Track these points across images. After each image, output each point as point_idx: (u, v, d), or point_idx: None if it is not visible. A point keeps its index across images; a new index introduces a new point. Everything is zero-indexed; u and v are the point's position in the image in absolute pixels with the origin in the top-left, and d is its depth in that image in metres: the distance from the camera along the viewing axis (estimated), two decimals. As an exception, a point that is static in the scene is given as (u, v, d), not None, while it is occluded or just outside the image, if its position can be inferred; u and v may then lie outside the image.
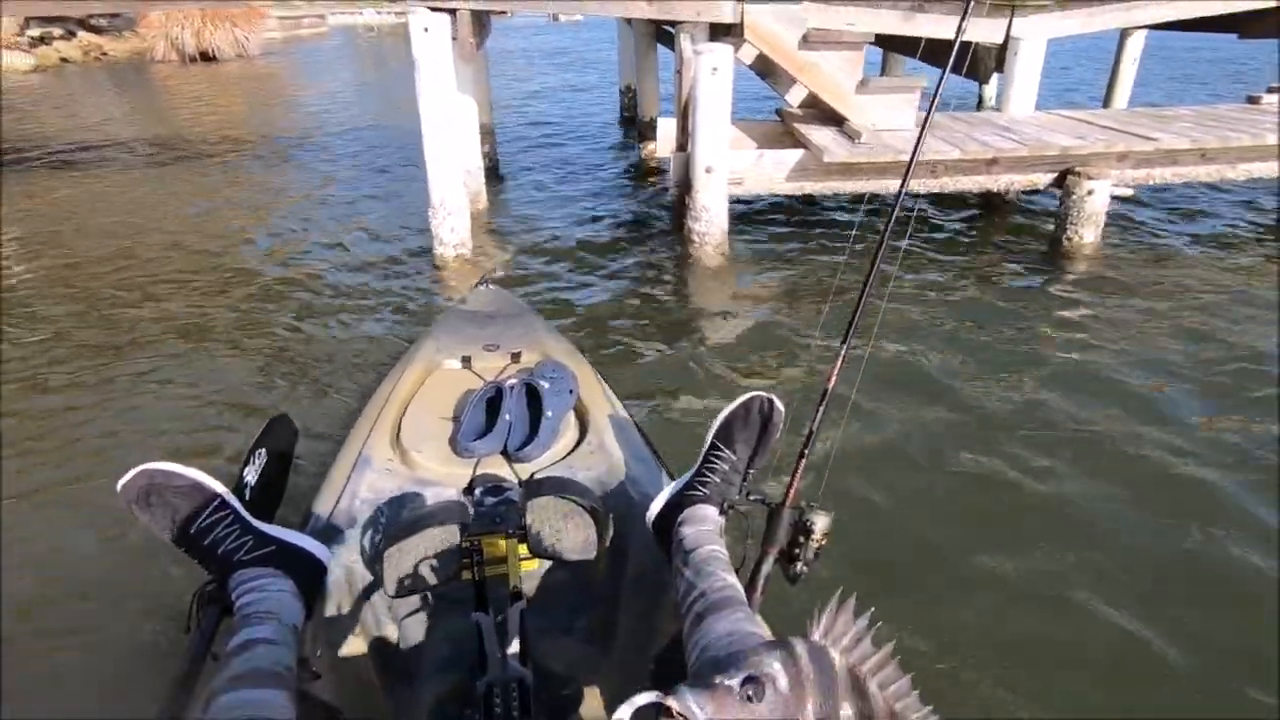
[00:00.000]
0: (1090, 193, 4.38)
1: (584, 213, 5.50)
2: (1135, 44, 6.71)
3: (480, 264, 4.45)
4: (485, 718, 1.02)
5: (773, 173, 4.45)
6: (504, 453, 1.47)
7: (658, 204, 5.62)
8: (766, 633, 0.92)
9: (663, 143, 4.75)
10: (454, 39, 4.05)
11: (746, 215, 5.23)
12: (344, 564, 1.28)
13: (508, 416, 1.50)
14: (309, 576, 1.11)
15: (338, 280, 4.22)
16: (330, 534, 1.31)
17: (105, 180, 6.52)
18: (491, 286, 2.34)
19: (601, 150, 7.67)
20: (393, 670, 1.26)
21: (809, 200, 5.44)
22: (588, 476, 1.41)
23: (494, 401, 1.55)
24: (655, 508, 1.23)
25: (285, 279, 4.24)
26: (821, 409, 1.26)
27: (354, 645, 1.25)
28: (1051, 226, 4.70)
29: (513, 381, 1.58)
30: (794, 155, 4.42)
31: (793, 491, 1.20)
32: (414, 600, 1.32)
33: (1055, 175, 4.54)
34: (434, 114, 3.99)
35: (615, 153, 7.54)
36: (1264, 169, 4.61)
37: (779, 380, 3.10)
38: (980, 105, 7.24)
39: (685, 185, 4.38)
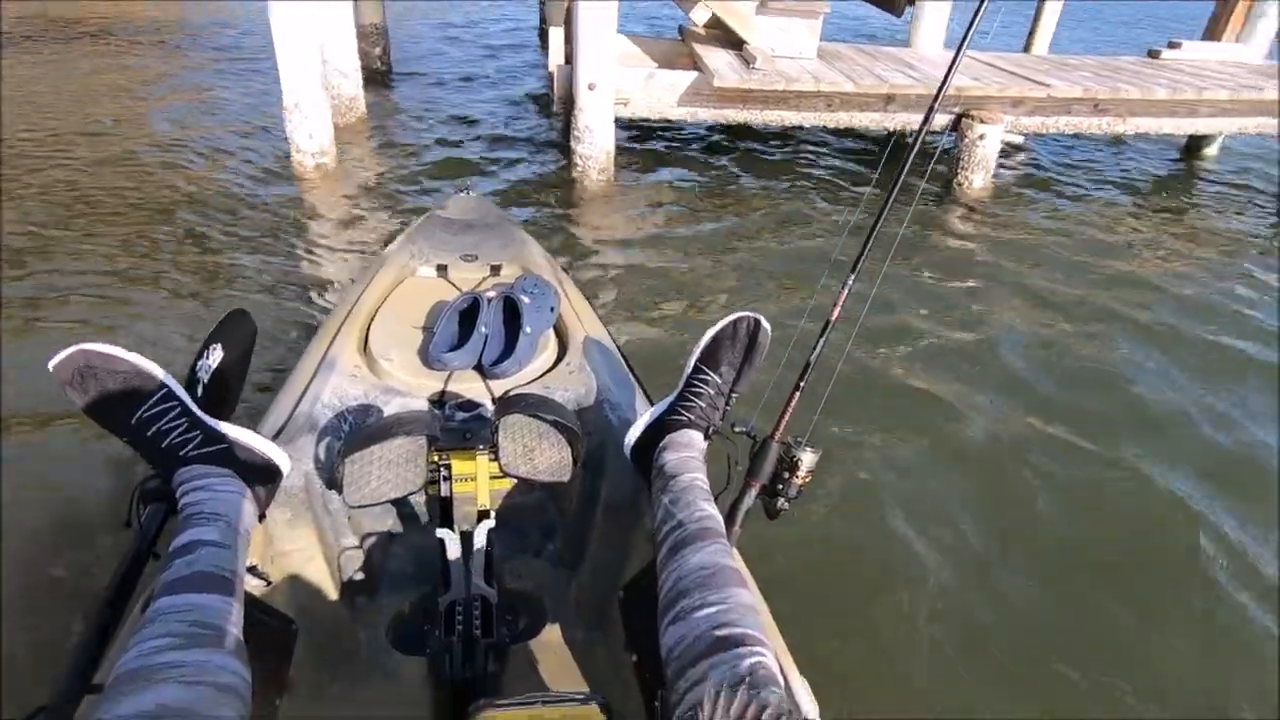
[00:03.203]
0: (982, 137, 4.32)
1: (477, 126, 5.14)
2: (1059, -13, 6.59)
3: (345, 176, 4.11)
4: (446, 633, 1.00)
5: (663, 95, 4.20)
6: (478, 367, 1.39)
7: (557, 121, 5.31)
8: (741, 566, 0.90)
9: (553, 54, 4.43)
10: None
11: (639, 138, 5.00)
12: (302, 470, 1.20)
13: (483, 329, 1.40)
14: (263, 479, 1.04)
15: (189, 187, 3.83)
16: (288, 437, 1.22)
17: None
18: (472, 194, 2.19)
19: (512, 61, 7.19)
20: (351, 583, 1.22)
21: (728, 129, 5.23)
22: (565, 397, 1.34)
23: (469, 313, 1.45)
24: (635, 432, 1.19)
25: (140, 171, 3.83)
26: (822, 342, 1.20)
27: (310, 555, 1.20)
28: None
29: (491, 294, 1.49)
30: (686, 77, 4.17)
31: (782, 426, 1.17)
32: (376, 512, 1.27)
33: (952, 118, 4.45)
34: (283, 5, 3.56)
35: (527, 65, 7.08)
36: (1151, 124, 4.63)
37: (638, 321, 2.98)
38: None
39: (569, 102, 4.10)
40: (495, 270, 1.72)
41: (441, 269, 1.71)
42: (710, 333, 1.18)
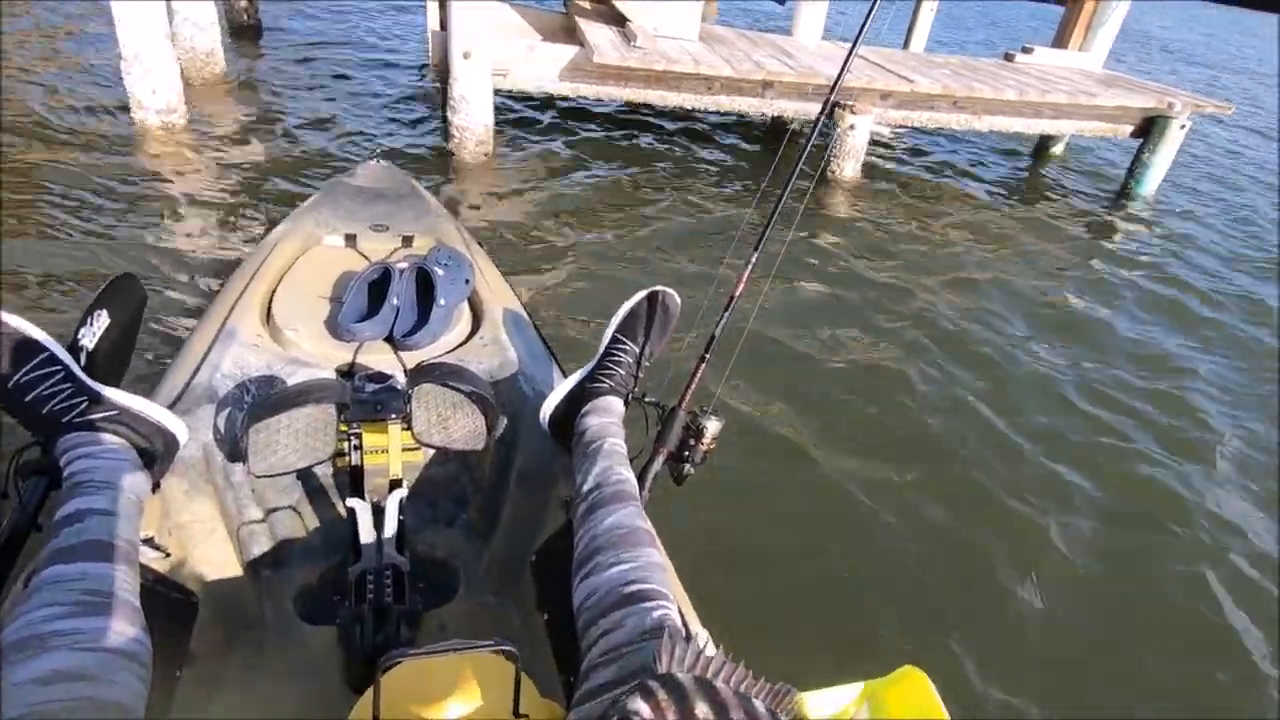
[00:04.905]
0: (852, 127, 4.52)
1: (350, 89, 4.88)
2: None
3: (198, 136, 3.81)
4: (356, 603, 1.00)
5: (545, 69, 4.14)
6: (389, 339, 1.35)
7: (438, 89, 5.12)
8: (651, 528, 0.96)
9: (430, 17, 4.26)
10: None
11: (526, 111, 4.91)
12: (201, 441, 1.16)
13: (395, 301, 1.36)
14: (157, 448, 0.98)
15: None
16: (185, 408, 1.17)
17: None
18: (383, 162, 2.11)
19: (397, 21, 6.86)
20: (256, 555, 1.18)
21: (621, 107, 5.20)
22: (480, 369, 1.34)
23: (380, 284, 1.40)
24: (553, 400, 1.21)
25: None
26: (725, 316, 1.26)
27: (211, 528, 1.16)
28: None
29: (403, 265, 1.44)
30: (568, 52, 4.12)
31: (688, 396, 1.22)
32: (282, 484, 1.24)
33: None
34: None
35: (412, 27, 6.77)
36: (1004, 123, 4.99)
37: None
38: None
39: (445, 70, 3.97)
40: (407, 241, 1.67)
41: (350, 238, 1.65)
42: (627, 305, 1.23)
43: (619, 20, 4.48)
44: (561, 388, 1.22)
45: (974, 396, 2.76)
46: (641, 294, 1.23)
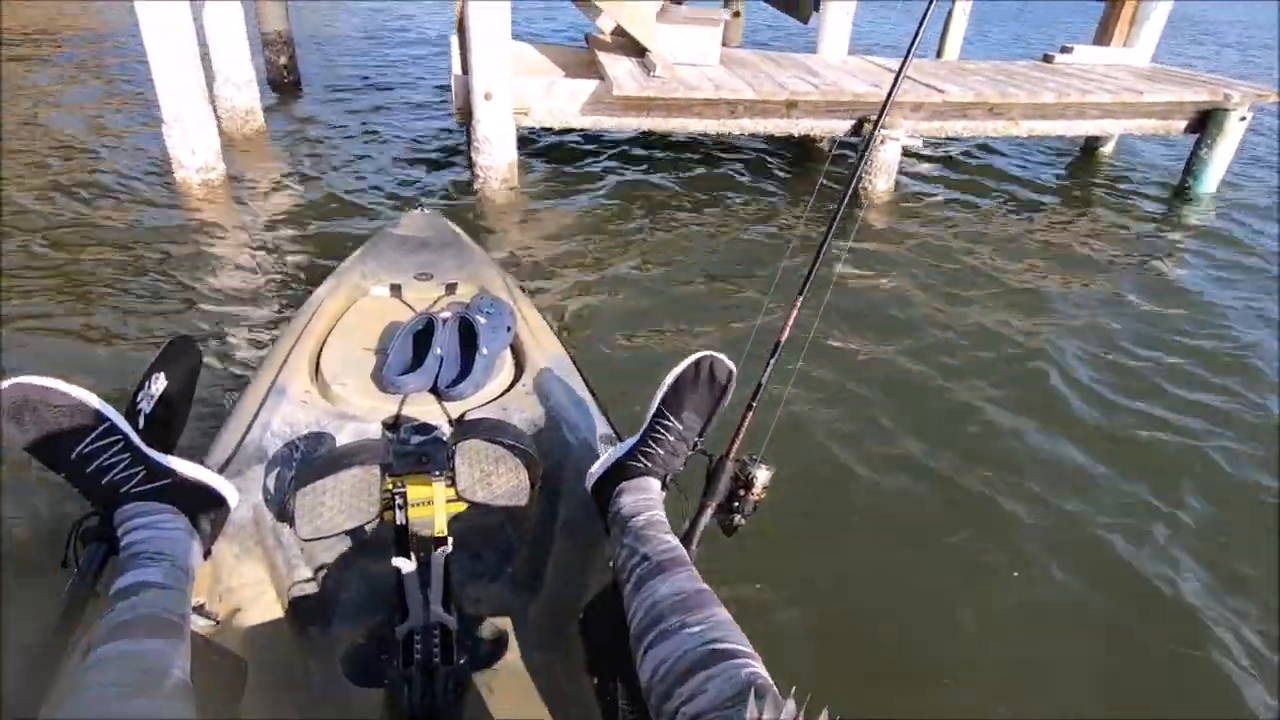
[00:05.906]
0: (883, 142, 4.40)
1: (384, 137, 5.01)
2: (964, -6, 6.78)
3: (238, 193, 3.95)
4: (404, 664, 1.00)
5: (565, 104, 4.16)
6: (433, 390, 1.38)
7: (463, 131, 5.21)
8: (710, 590, 0.92)
9: (453, 62, 4.34)
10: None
11: (550, 146, 4.95)
12: (251, 502, 1.19)
13: (439, 351, 1.40)
14: (208, 515, 1.04)
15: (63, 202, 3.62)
16: (236, 469, 1.22)
17: None
18: (426, 211, 2.17)
19: (429, 68, 7.06)
20: (305, 616, 1.20)
21: (648, 137, 5.20)
22: (523, 419, 1.35)
23: (424, 334, 1.45)
24: (596, 471, 1.20)
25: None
26: (772, 362, 1.25)
27: (261, 590, 1.18)
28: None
29: (446, 314, 1.48)
30: (588, 86, 4.14)
31: (736, 444, 1.19)
32: (329, 542, 1.25)
33: (854, 123, 4.52)
34: (154, 11, 3.40)
35: (442, 72, 6.96)
36: (1044, 127, 4.79)
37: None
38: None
39: (468, 112, 4.03)
40: (451, 289, 1.71)
41: (395, 289, 1.69)
42: (672, 374, 1.17)
43: (639, 51, 4.49)
44: (603, 460, 1.20)
45: (1054, 443, 2.52)
46: (688, 361, 1.17)
